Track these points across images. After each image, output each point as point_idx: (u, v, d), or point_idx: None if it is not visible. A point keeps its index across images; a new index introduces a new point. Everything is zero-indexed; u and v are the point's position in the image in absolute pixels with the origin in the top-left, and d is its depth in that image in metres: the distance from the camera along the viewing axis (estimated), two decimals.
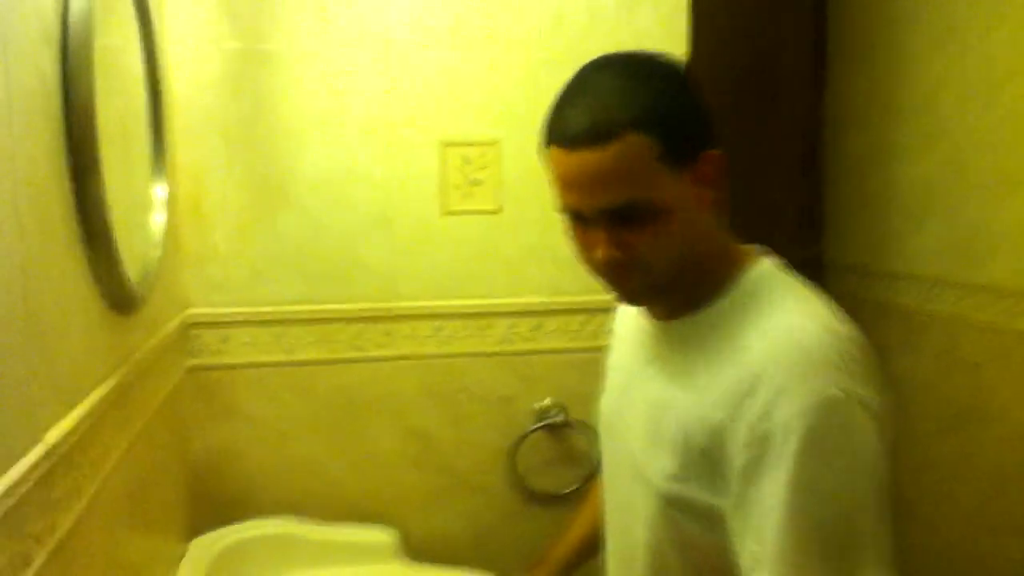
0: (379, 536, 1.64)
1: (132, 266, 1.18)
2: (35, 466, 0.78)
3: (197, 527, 1.58)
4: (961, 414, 1.75)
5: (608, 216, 0.81)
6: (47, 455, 0.81)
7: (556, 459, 1.83)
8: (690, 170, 0.81)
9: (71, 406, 0.91)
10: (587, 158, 0.78)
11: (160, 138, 1.40)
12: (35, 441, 0.80)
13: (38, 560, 0.78)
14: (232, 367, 1.65)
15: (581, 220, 0.84)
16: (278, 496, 1.69)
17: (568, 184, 0.82)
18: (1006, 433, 1.63)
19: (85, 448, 0.93)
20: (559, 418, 1.78)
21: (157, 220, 1.37)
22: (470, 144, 1.72)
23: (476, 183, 1.74)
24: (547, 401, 1.80)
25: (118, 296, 1.10)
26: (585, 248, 0.85)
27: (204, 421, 1.65)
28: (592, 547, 1.13)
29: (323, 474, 1.73)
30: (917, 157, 1.89)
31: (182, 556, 1.44)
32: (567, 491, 1.82)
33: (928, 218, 1.85)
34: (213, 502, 1.66)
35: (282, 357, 1.68)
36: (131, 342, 1.20)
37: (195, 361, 1.63)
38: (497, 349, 1.78)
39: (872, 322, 0.74)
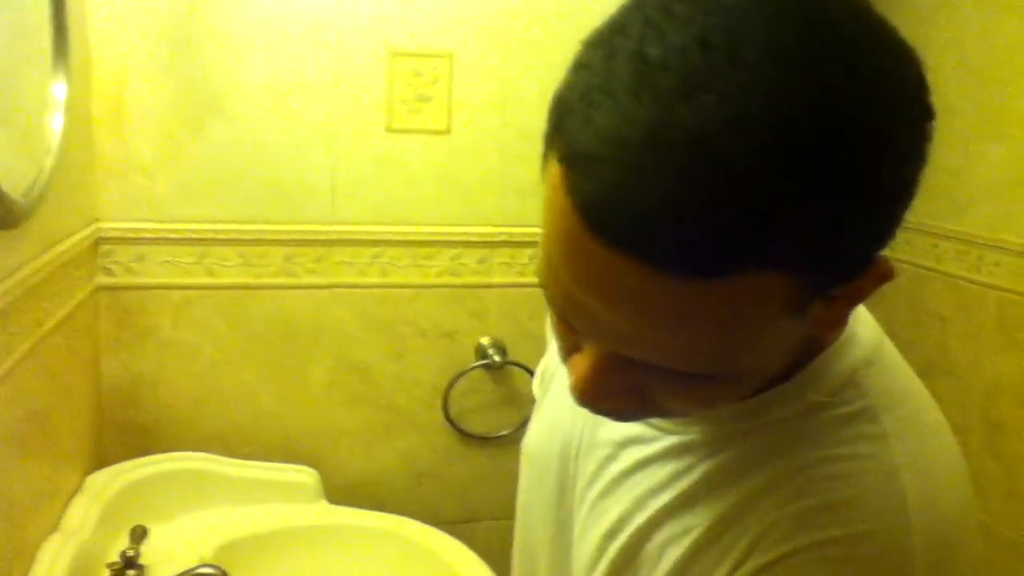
0: (300, 476, 1.54)
1: (14, 174, 1.05)
2: None
3: (109, 459, 1.48)
4: (927, 367, 1.68)
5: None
6: None
7: (494, 400, 1.74)
8: (829, 297, 0.43)
9: None
10: (637, 282, 0.38)
11: (62, 32, 1.24)
12: None
13: None
14: (148, 288, 1.52)
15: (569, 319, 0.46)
16: (202, 428, 1.59)
17: (575, 288, 0.41)
18: (968, 389, 1.56)
19: None
20: (496, 358, 1.68)
21: (55, 124, 1.22)
22: (420, 55, 1.57)
23: (424, 99, 1.59)
24: (485, 339, 1.70)
25: None
26: (563, 352, 0.49)
27: (117, 345, 1.53)
28: None
29: (251, 407, 1.62)
30: None
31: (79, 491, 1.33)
32: (502, 434, 1.74)
33: None
34: (129, 432, 1.55)
35: (204, 279, 1.55)
36: (13, 258, 1.07)
37: (105, 280, 1.49)
38: (440, 281, 1.66)
39: None
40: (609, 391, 0.46)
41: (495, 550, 1.45)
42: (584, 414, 0.61)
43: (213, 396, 1.60)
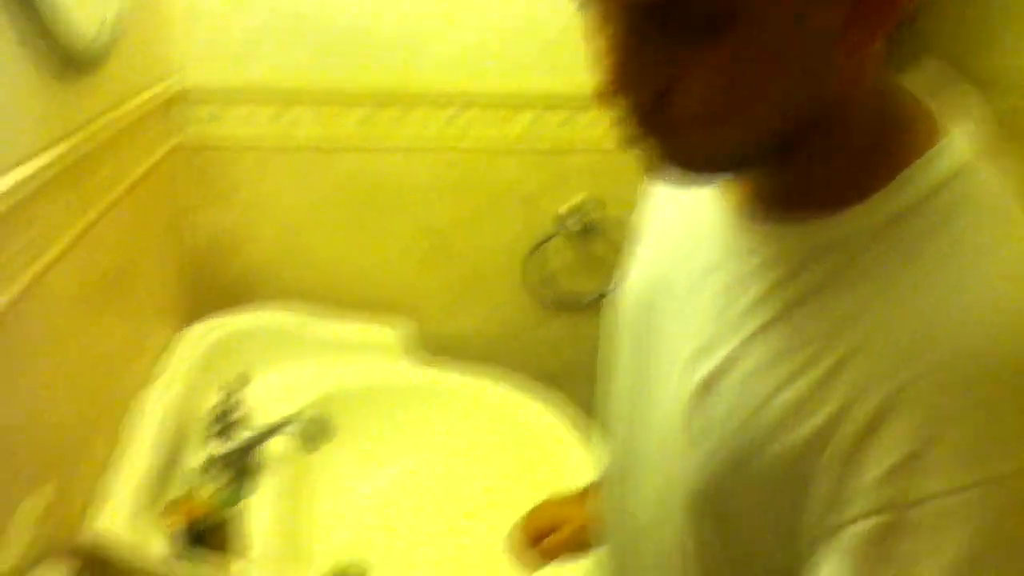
0: (386, 333, 1.56)
1: (80, 17, 1.00)
2: None
3: (197, 316, 1.50)
4: None
5: (627, 12, 0.44)
6: None
7: (578, 265, 1.70)
8: None
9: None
10: None
11: None
12: None
13: None
14: (226, 147, 1.50)
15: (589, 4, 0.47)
16: (282, 287, 1.60)
17: None
18: None
19: (21, 222, 0.81)
20: (585, 221, 1.62)
21: None
22: None
23: None
24: (573, 202, 1.64)
25: (58, 52, 0.93)
26: (598, 54, 0.48)
27: (199, 204, 1.53)
28: None
29: (331, 267, 1.62)
30: None
31: (171, 345, 1.36)
32: (587, 300, 1.70)
33: None
34: (215, 290, 1.57)
35: (281, 138, 1.51)
36: (85, 109, 1.04)
37: (183, 138, 1.48)
38: (522, 143, 1.59)
39: None
40: (633, 62, 0.44)
41: (573, 415, 1.44)
42: (671, 253, 0.61)
43: (296, 255, 1.60)
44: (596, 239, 1.67)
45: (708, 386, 0.52)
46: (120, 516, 0.98)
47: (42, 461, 0.88)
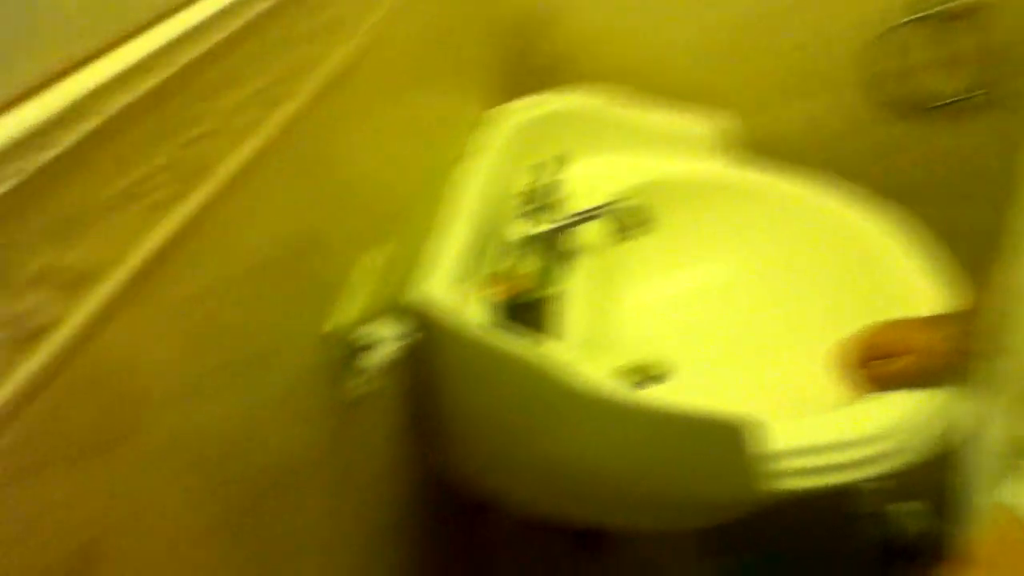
0: (704, 125, 1.43)
1: None
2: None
3: (509, 94, 1.47)
4: None
5: None
6: None
7: (935, 59, 1.43)
8: None
9: None
10: None
11: None
12: None
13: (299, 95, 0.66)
14: None
15: None
16: (596, 68, 1.51)
17: None
18: None
19: None
20: (949, 5, 1.34)
21: None
22: None
23: None
24: None
25: None
26: None
27: None
28: None
29: (648, 50, 1.50)
30: None
31: (485, 122, 1.34)
32: (944, 102, 1.44)
33: None
34: (526, 69, 1.52)
35: None
36: None
37: None
38: None
39: None
40: None
41: (915, 235, 1.27)
42: None
43: (611, 34, 1.50)
44: (963, 27, 1.39)
45: None
46: (443, 282, 1.00)
47: (375, 220, 0.89)
